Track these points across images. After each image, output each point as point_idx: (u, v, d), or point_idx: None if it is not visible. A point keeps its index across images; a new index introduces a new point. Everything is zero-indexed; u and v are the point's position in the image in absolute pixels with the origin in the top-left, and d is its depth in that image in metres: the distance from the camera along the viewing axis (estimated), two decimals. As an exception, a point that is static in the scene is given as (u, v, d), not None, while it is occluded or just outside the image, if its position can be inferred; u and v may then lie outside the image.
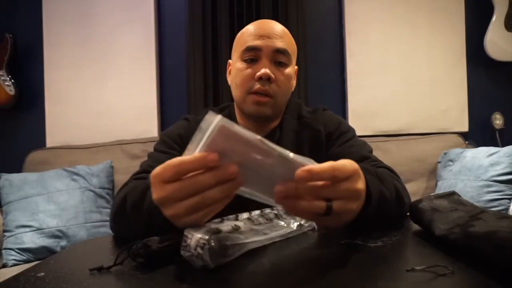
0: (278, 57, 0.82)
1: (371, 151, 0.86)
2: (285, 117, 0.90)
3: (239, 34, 0.88)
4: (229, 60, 0.92)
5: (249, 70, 0.82)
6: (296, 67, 0.91)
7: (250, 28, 0.85)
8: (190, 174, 0.42)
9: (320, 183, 0.44)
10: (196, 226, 0.45)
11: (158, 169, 0.43)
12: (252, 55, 0.82)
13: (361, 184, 0.48)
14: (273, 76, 0.80)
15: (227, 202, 0.44)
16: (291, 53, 0.85)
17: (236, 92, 0.86)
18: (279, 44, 0.82)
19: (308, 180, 0.43)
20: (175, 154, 0.83)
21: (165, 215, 0.45)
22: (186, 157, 0.42)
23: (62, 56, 2.17)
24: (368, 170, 0.56)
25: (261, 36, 0.82)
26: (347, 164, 0.46)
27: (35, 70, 2.19)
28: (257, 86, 0.80)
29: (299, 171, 0.42)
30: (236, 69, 0.85)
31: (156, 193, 0.44)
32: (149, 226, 0.53)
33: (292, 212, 0.47)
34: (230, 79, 0.91)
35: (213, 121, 0.40)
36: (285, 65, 0.83)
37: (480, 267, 0.39)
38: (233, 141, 0.41)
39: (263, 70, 0.79)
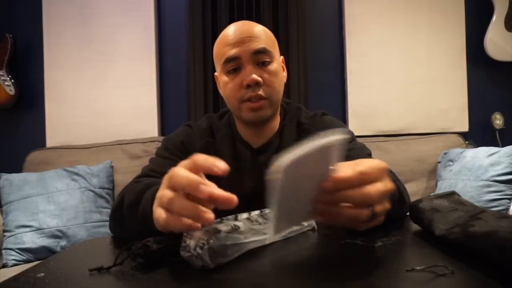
0: (259, 58, 0.80)
1: (369, 154, 0.85)
2: (285, 123, 0.89)
3: (215, 44, 0.85)
4: (215, 74, 0.91)
5: (235, 81, 0.80)
6: (282, 57, 0.89)
7: (224, 37, 0.83)
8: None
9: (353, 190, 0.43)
10: (168, 229, 0.44)
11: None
12: (234, 65, 0.80)
13: (390, 182, 0.47)
14: (260, 79, 0.78)
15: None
16: (271, 48, 0.82)
17: (230, 104, 0.85)
18: (256, 45, 0.79)
19: (336, 190, 0.42)
20: (176, 160, 0.82)
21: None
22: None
23: (62, 56, 2.17)
24: None
25: (236, 44, 0.79)
26: (374, 165, 0.45)
27: (35, 70, 2.19)
28: (248, 93, 0.79)
29: (326, 183, 0.41)
30: (223, 83, 0.84)
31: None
32: (142, 227, 0.53)
33: (335, 222, 0.46)
34: (221, 92, 0.90)
35: (330, 137, 0.39)
36: (269, 63, 0.81)
37: (480, 267, 0.39)
38: (318, 161, 0.40)
39: (249, 77, 0.78)
